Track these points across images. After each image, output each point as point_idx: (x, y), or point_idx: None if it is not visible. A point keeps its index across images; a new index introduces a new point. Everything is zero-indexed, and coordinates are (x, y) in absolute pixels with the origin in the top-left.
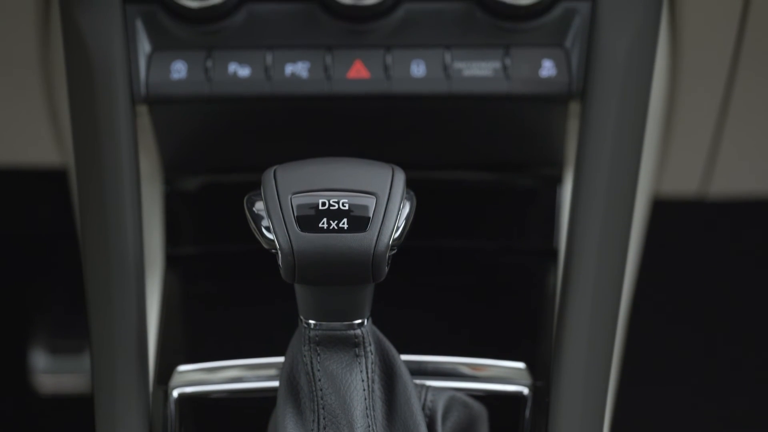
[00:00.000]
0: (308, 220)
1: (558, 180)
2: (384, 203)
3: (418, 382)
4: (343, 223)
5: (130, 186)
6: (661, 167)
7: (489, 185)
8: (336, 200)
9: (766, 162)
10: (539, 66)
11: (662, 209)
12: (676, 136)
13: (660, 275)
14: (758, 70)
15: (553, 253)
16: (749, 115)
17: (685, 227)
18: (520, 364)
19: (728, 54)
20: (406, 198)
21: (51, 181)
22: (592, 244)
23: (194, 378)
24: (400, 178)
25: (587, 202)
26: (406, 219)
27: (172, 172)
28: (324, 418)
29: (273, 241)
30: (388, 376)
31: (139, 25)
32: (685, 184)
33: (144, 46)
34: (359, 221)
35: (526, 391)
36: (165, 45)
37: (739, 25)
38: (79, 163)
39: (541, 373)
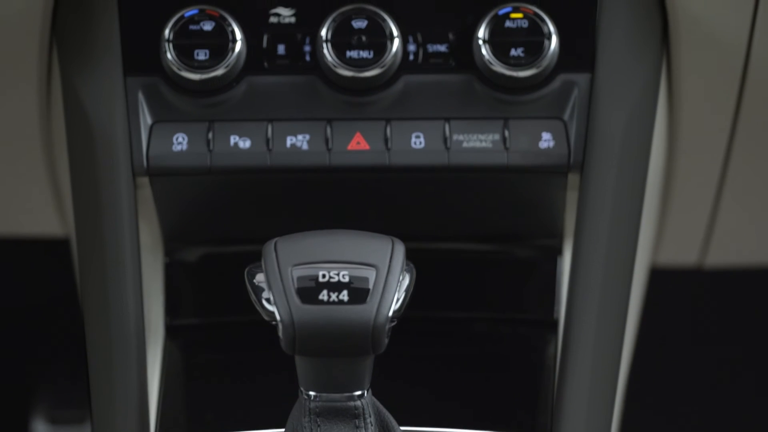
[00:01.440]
0: (309, 292)
1: (558, 251)
2: (384, 275)
3: None
4: (344, 295)
5: (130, 257)
6: (658, 238)
7: (489, 256)
8: (336, 272)
9: (763, 234)
10: (538, 138)
11: (660, 277)
12: (674, 208)
13: (659, 344)
14: (756, 141)
15: (553, 324)
16: (747, 187)
17: (682, 295)
18: None
19: (726, 126)
20: (405, 270)
21: (53, 249)
22: (590, 316)
23: None
24: (400, 250)
25: (586, 274)
26: (406, 291)
27: (172, 243)
28: None
29: (273, 313)
30: None
31: (141, 97)
32: (682, 255)
33: (145, 118)
34: (359, 293)
35: None
36: (166, 117)
37: (737, 98)
38: (80, 234)
39: None
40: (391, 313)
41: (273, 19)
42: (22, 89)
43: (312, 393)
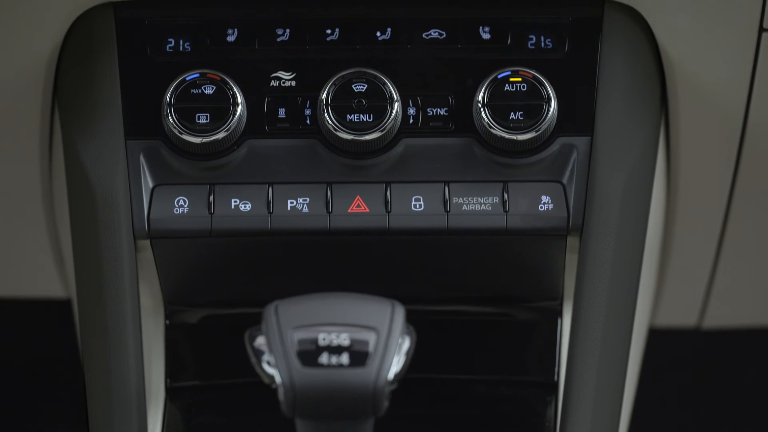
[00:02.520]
0: (309, 355)
1: (558, 313)
2: (384, 338)
3: None
4: (344, 358)
5: (131, 319)
6: (657, 300)
7: (489, 318)
8: (336, 335)
9: (761, 296)
10: (537, 201)
11: (658, 337)
12: (672, 270)
13: (658, 404)
14: (754, 203)
15: (553, 386)
16: (745, 249)
17: (681, 354)
18: None
19: (724, 188)
20: (405, 333)
21: (55, 310)
22: (590, 378)
23: None
24: (400, 313)
25: (585, 336)
26: (406, 354)
27: (173, 305)
28: None
29: (274, 376)
30: None
31: (142, 160)
32: (681, 316)
33: (147, 181)
34: (359, 356)
35: None
36: (167, 180)
37: (735, 160)
38: (81, 296)
39: None
40: (391, 377)
41: (274, 83)
42: (24, 151)
43: None
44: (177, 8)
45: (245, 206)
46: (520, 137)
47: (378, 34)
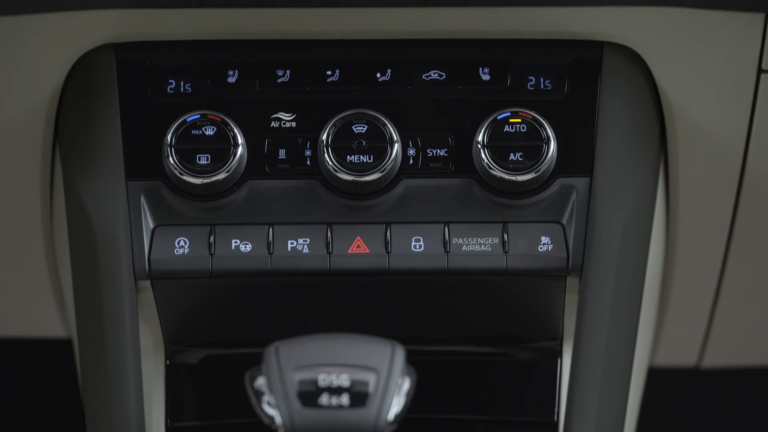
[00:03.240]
0: (309, 396)
1: (557, 353)
2: (384, 379)
3: None
4: (344, 399)
5: (132, 359)
6: (656, 341)
7: (489, 358)
8: (336, 376)
9: (760, 336)
10: (537, 242)
11: (658, 377)
12: (671, 311)
13: None
14: (753, 244)
15: (553, 426)
16: (744, 290)
17: (680, 393)
18: None
19: (723, 229)
20: (405, 374)
21: (55, 349)
22: (590, 418)
23: None
24: (400, 354)
25: (585, 376)
26: (406, 395)
27: (173, 345)
28: None
29: (274, 417)
30: None
31: (143, 201)
32: (680, 357)
33: (147, 221)
34: (359, 397)
35: None
36: (168, 221)
37: (734, 202)
38: (81, 336)
39: None
40: (391, 417)
41: (274, 124)
42: (25, 191)
43: None
44: (178, 49)
45: (246, 247)
46: (520, 178)
47: (378, 75)
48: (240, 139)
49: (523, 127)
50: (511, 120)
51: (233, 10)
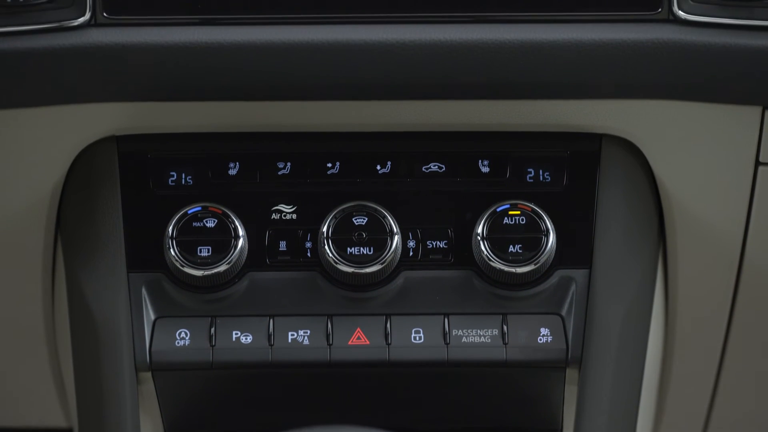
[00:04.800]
0: None
1: None
2: None
3: None
4: None
5: None
6: (656, 429)
7: None
8: None
9: (760, 424)
10: (536, 333)
11: None
12: (671, 401)
13: None
14: (752, 333)
15: None
16: (743, 379)
17: None
18: None
19: (722, 319)
20: None
21: None
22: None
23: None
24: None
25: None
26: None
27: None
28: None
29: None
30: None
31: (144, 293)
32: None
33: (148, 313)
34: None
35: None
36: (169, 312)
37: (733, 292)
38: (82, 428)
39: None
40: None
41: (275, 216)
42: (27, 283)
43: None
44: (179, 142)
45: (246, 338)
46: (519, 270)
47: (378, 167)
48: (241, 231)
49: (522, 219)
50: (510, 212)
51: (234, 103)
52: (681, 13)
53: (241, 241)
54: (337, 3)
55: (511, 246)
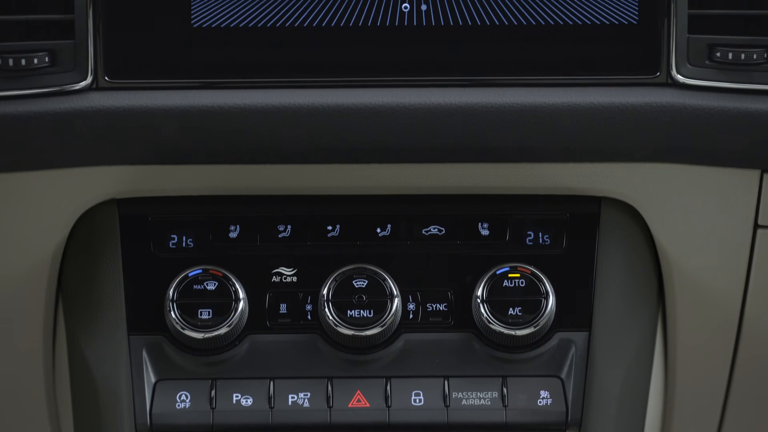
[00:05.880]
0: None
1: None
2: None
3: None
4: None
5: None
6: None
7: None
8: None
9: None
10: (536, 396)
11: None
12: None
13: None
14: (752, 396)
15: None
16: None
17: None
18: None
19: (722, 381)
20: None
21: None
22: None
23: None
24: None
25: None
26: None
27: None
28: None
29: None
30: None
31: (145, 356)
32: None
33: (149, 376)
34: None
35: None
36: (169, 375)
37: (732, 354)
38: None
39: None
40: None
41: (275, 279)
42: (28, 345)
43: None
44: (180, 205)
45: (247, 401)
46: (519, 332)
47: (378, 230)
48: (241, 294)
49: (522, 282)
50: (510, 275)
51: (234, 166)
52: (679, 77)
53: (241, 304)
54: (336, 67)
55: (510, 308)
